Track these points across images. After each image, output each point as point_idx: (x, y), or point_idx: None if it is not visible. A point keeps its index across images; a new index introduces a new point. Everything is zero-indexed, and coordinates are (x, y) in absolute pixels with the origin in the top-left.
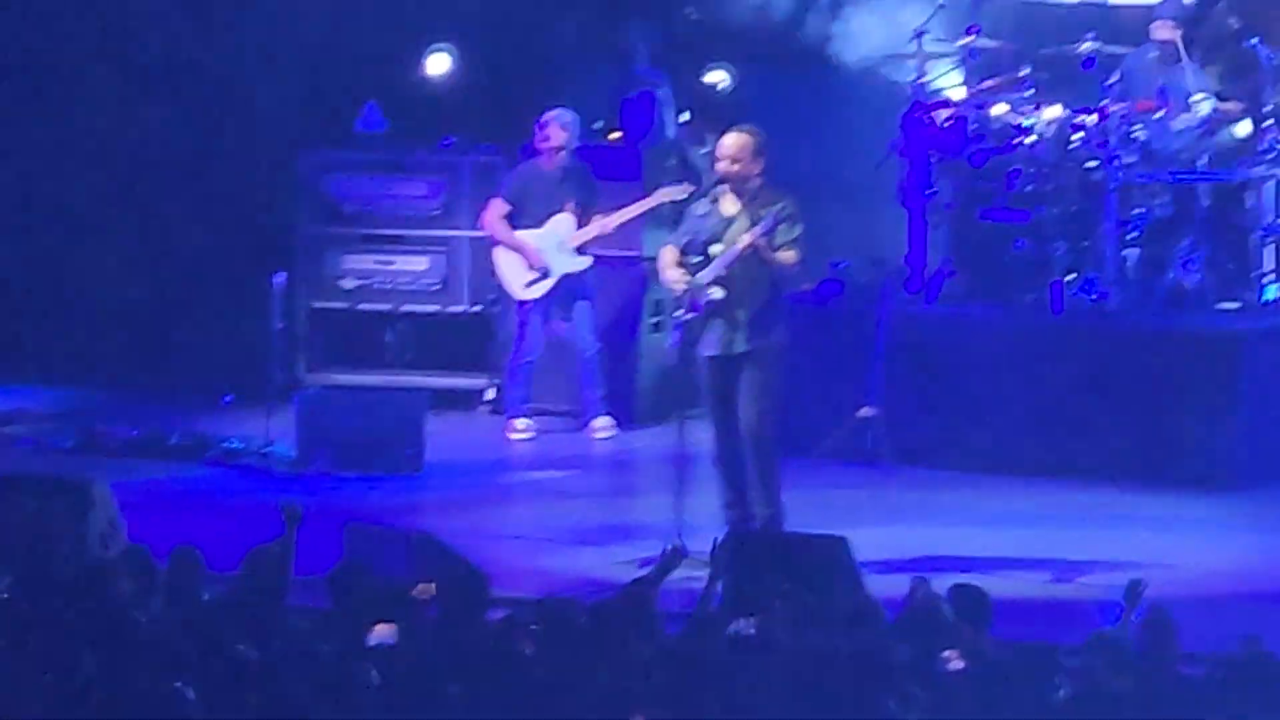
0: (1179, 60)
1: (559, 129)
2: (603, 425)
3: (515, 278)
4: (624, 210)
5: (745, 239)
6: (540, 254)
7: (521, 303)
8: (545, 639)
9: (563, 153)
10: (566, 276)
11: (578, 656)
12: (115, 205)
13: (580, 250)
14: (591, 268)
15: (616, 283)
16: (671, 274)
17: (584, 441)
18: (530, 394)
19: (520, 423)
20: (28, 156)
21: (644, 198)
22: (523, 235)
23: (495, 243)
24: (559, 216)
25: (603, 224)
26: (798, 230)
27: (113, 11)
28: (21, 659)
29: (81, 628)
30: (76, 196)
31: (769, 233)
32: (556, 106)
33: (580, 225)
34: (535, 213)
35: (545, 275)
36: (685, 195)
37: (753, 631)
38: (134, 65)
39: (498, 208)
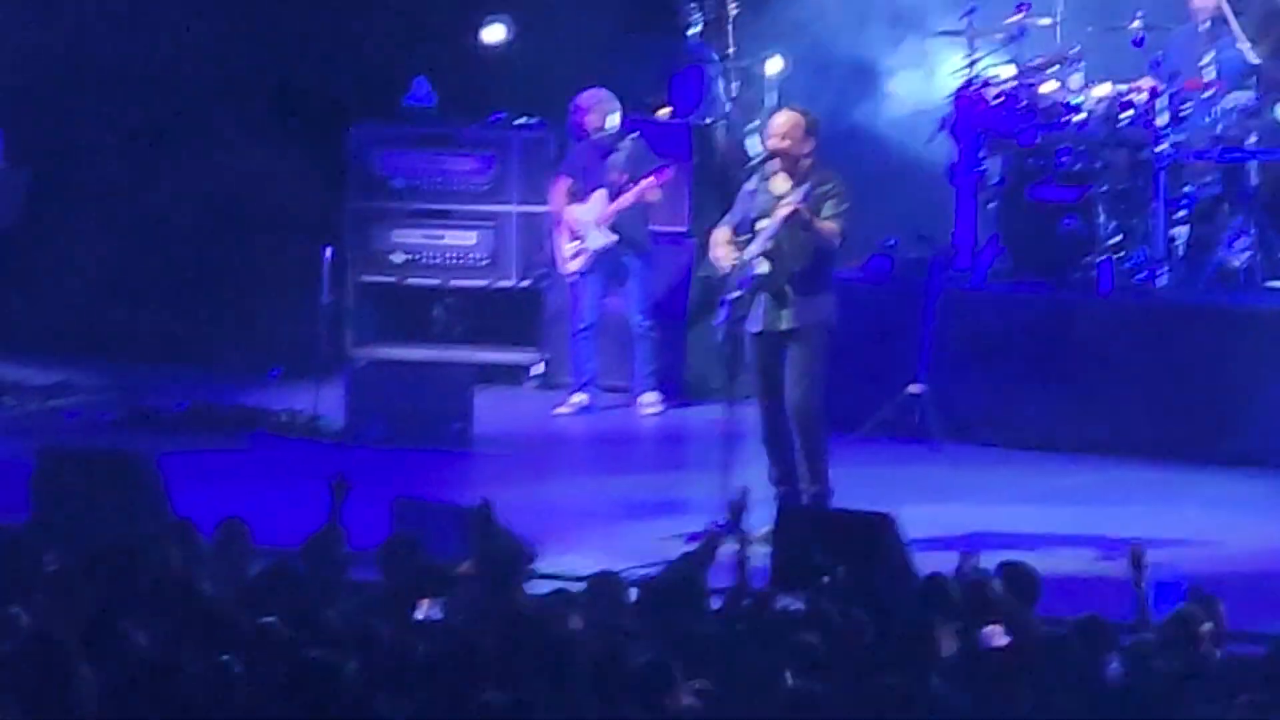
0: (1226, 36)
1: (587, 113)
2: (650, 401)
3: (562, 251)
4: (629, 193)
5: (786, 208)
6: (579, 228)
7: (570, 275)
8: (592, 613)
9: (603, 132)
10: (608, 252)
11: (626, 631)
12: (164, 178)
13: (611, 227)
14: (632, 245)
15: (665, 259)
16: (720, 252)
17: (632, 416)
18: (592, 366)
19: (575, 397)
20: (75, 128)
21: (690, 173)
22: (569, 210)
23: (555, 218)
24: (596, 193)
25: (616, 204)
26: (844, 206)
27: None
28: (68, 632)
29: (128, 601)
30: (126, 171)
31: (809, 199)
32: (589, 88)
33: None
34: (585, 188)
35: (581, 250)
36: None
37: (800, 607)
38: (183, 38)
39: (561, 184)
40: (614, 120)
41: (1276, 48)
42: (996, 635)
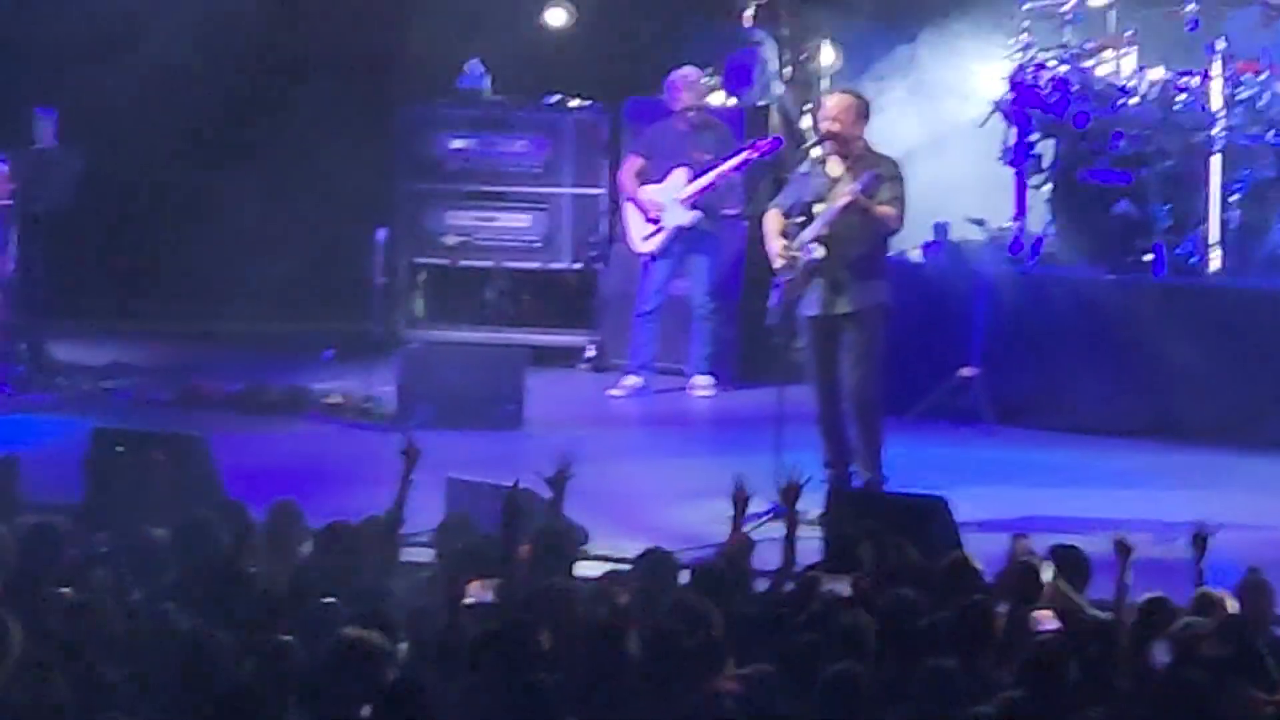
0: None
1: (680, 90)
2: (703, 383)
3: (636, 231)
4: (723, 164)
5: (845, 197)
6: (657, 208)
7: (644, 255)
8: (643, 594)
9: (690, 111)
10: (681, 231)
11: (673, 612)
12: (216, 159)
13: (693, 205)
14: (709, 225)
15: (719, 240)
16: (775, 239)
17: (685, 399)
18: (650, 349)
19: (628, 379)
20: (127, 109)
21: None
22: (646, 189)
23: (626, 198)
24: (677, 171)
25: (707, 179)
26: (900, 189)
27: None
28: (120, 613)
29: (181, 582)
30: (178, 152)
31: (868, 189)
32: (684, 65)
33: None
34: (662, 168)
35: (660, 229)
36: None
37: (847, 590)
38: (235, 19)
39: (632, 164)
40: (707, 99)
41: None
42: (1046, 620)
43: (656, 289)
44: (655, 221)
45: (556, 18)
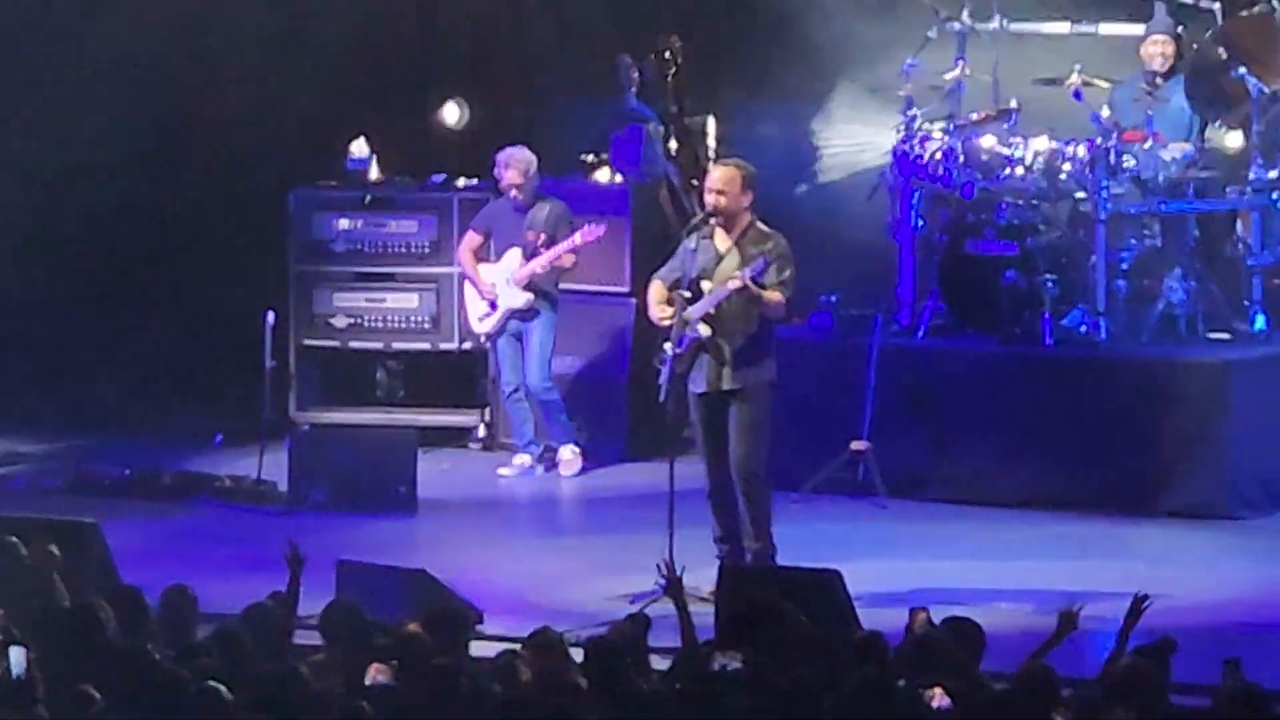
0: (1166, 84)
1: (504, 168)
2: (568, 458)
3: (473, 311)
4: (554, 249)
5: (735, 281)
6: (491, 288)
7: (488, 336)
8: (538, 674)
9: (517, 190)
10: (514, 312)
11: (571, 691)
12: (106, 245)
13: (526, 286)
14: (549, 304)
15: (604, 318)
16: (659, 310)
17: (576, 478)
18: (529, 428)
19: (517, 458)
20: (22, 192)
21: (631, 232)
22: (481, 269)
23: (463, 276)
24: (511, 252)
25: (536, 263)
26: (788, 272)
27: (107, 47)
28: (16, 700)
29: (76, 669)
30: (65, 239)
31: (759, 275)
32: (507, 146)
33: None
34: (499, 247)
35: (493, 309)
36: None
37: (738, 665)
38: (125, 98)
39: (469, 240)
40: (529, 179)
41: (1215, 99)
42: (938, 697)
43: (510, 368)
44: (490, 303)
45: (451, 114)
